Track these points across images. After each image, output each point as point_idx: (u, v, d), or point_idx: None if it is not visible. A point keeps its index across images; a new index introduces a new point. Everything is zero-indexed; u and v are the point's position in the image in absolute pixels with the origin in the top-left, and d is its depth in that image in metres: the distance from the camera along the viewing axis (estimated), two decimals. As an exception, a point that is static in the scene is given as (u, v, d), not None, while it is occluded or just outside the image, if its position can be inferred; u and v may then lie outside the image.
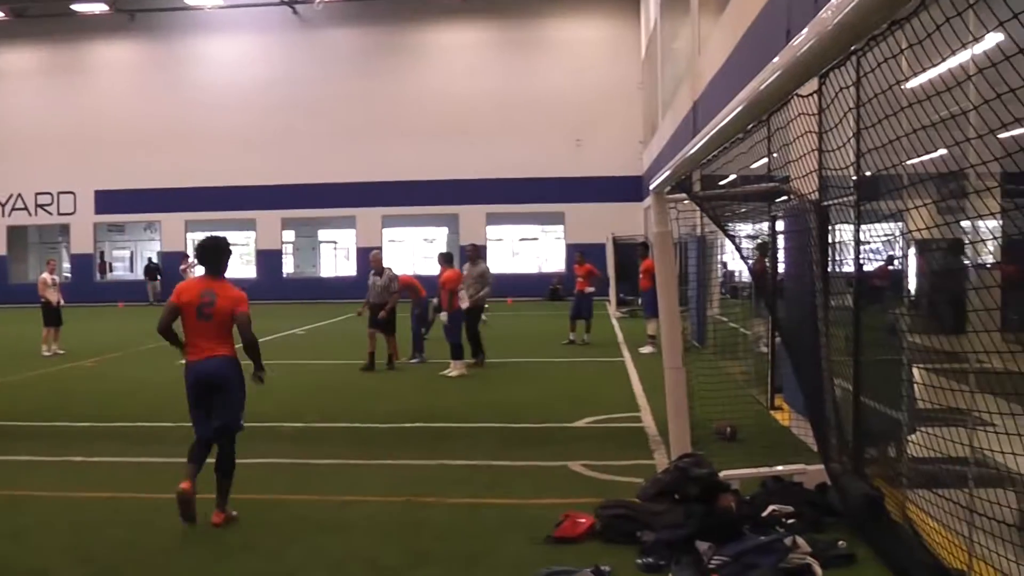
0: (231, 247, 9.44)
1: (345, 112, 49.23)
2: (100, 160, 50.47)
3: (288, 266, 52.68)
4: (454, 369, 18.68)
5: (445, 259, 19.87)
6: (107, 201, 51.14)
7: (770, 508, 8.04)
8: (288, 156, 49.20)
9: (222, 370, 8.85)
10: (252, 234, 51.96)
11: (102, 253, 53.75)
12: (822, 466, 8.16)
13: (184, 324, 8.93)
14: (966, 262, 6.40)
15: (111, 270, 54.90)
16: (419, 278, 22.54)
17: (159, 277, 49.21)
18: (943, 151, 4.45)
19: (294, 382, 17.98)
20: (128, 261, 56.73)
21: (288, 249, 52.91)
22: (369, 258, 21.51)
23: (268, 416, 14.27)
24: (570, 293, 29.15)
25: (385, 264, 20.80)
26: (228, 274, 9.41)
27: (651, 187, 9.74)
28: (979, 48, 3.97)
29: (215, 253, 9.17)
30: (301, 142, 49.25)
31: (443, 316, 18.74)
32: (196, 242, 9.58)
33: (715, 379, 11.87)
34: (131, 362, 22.18)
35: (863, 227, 7.09)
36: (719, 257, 18.73)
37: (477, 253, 21.58)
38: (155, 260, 50.78)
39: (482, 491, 9.67)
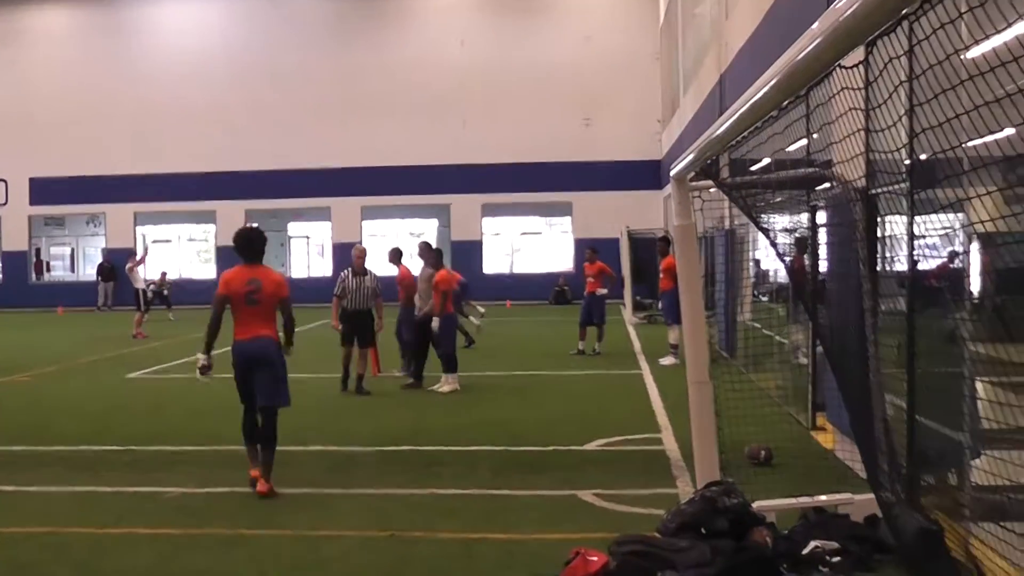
0: (265, 236, 12.08)
1: (319, 87, 49.25)
2: (35, 143, 50.53)
3: (253, 265, 52.67)
4: (446, 384, 18.65)
5: (436, 256, 19.82)
6: (43, 190, 51.24)
7: (812, 544, 8.02)
8: (253, 138, 49.21)
9: (267, 349, 11.36)
10: (211, 228, 52.01)
11: (38, 250, 53.77)
12: (871, 495, 8.15)
13: (233, 309, 11.40)
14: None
15: (49, 270, 54.82)
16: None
17: (114, 279, 48.75)
18: (1010, 130, 4.44)
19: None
20: (68, 259, 56.62)
21: (253, 245, 52.90)
22: (352, 254, 19.17)
23: (230, 438, 14.25)
24: (579, 296, 29.13)
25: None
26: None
27: (671, 173, 9.73)
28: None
29: (253, 242, 11.56)
30: (268, 122, 49.27)
31: (435, 322, 18.40)
32: (237, 233, 11.96)
33: (747, 395, 11.84)
34: (71, 376, 22.20)
35: (917, 219, 7.07)
36: (751, 254, 18.74)
37: (431, 253, 19.66)
38: (107, 259, 50.42)
39: (477, 524, 9.66)
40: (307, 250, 54.13)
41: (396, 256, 20.36)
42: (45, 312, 47.26)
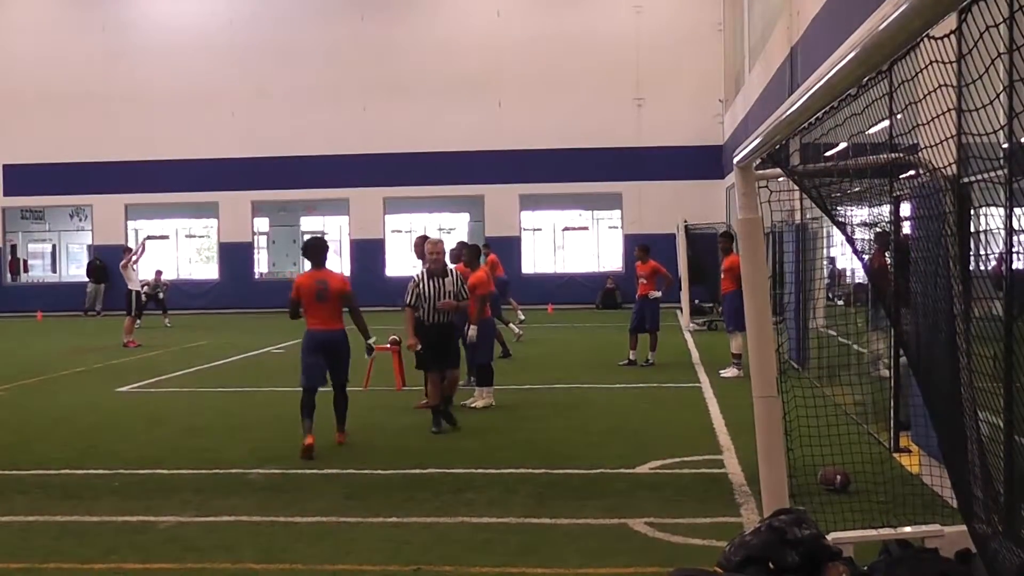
0: (327, 243, 15.98)
1: (335, 64, 49.39)
2: (11, 126, 50.92)
3: (261, 264, 52.95)
4: (480, 399, 18.68)
5: (473, 255, 19.92)
6: (20, 179, 51.58)
7: (894, 582, 7.99)
8: (261, 121, 49.41)
9: (338, 338, 14.98)
10: (213, 222, 52.25)
11: (14, 247, 54.21)
12: (964, 527, 8.10)
13: (305, 306, 14.92)
14: None
15: (26, 269, 55.17)
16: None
17: (106, 280, 48.95)
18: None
19: (268, 415, 18.08)
20: (49, 257, 56.98)
21: (261, 242, 53.20)
22: (425, 250, 16.89)
23: (231, 460, 14.35)
24: (629, 299, 29.09)
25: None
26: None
27: (735, 160, 9.71)
28: None
29: (319, 250, 15.32)
30: (277, 103, 49.47)
31: (471, 331, 18.27)
32: (303, 238, 13.43)
33: (820, 412, 11.78)
34: (53, 391, 22.32)
35: (1017, 211, 7.03)
36: (824, 251, 18.65)
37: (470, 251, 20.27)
38: (97, 257, 50.67)
39: (515, 558, 9.67)
40: (321, 247, 54.30)
41: (472, 254, 20.28)
42: (22, 318, 47.57)
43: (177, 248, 54.59)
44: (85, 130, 50.06)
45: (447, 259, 17.59)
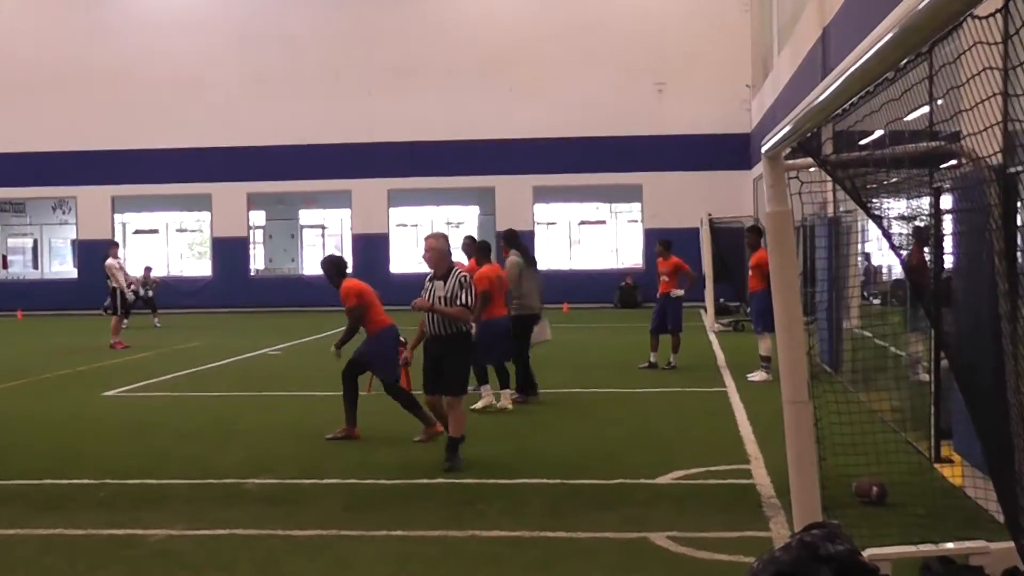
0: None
1: (336, 46, 49.45)
2: (-9, 112, 50.95)
3: (257, 260, 52.99)
4: (485, 398, 18.93)
5: (481, 250, 19.97)
6: None
7: (935, 602, 7.97)
8: (256, 107, 49.50)
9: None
10: (206, 216, 52.34)
11: (-8, 242, 54.35)
12: (1011, 544, 8.08)
13: (374, 308, 16.48)
14: None
15: (6, 266, 55.26)
16: None
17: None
18: None
19: (265, 422, 18.13)
20: (30, 253, 57.02)
21: (257, 236, 53.25)
22: (425, 248, 14.87)
23: (228, 468, 14.36)
24: (650, 298, 29.05)
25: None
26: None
27: (763, 149, 9.68)
28: None
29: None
30: (275, 88, 49.52)
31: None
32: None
33: (855, 418, 11.75)
34: (35, 395, 22.38)
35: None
36: (859, 247, 18.62)
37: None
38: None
39: (528, 573, 9.68)
40: (322, 242, 54.36)
41: (481, 250, 20.34)
42: (1, 317, 47.74)
43: (167, 243, 54.60)
44: (68, 117, 50.13)
45: (441, 257, 14.95)
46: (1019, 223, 7.49)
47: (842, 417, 10.75)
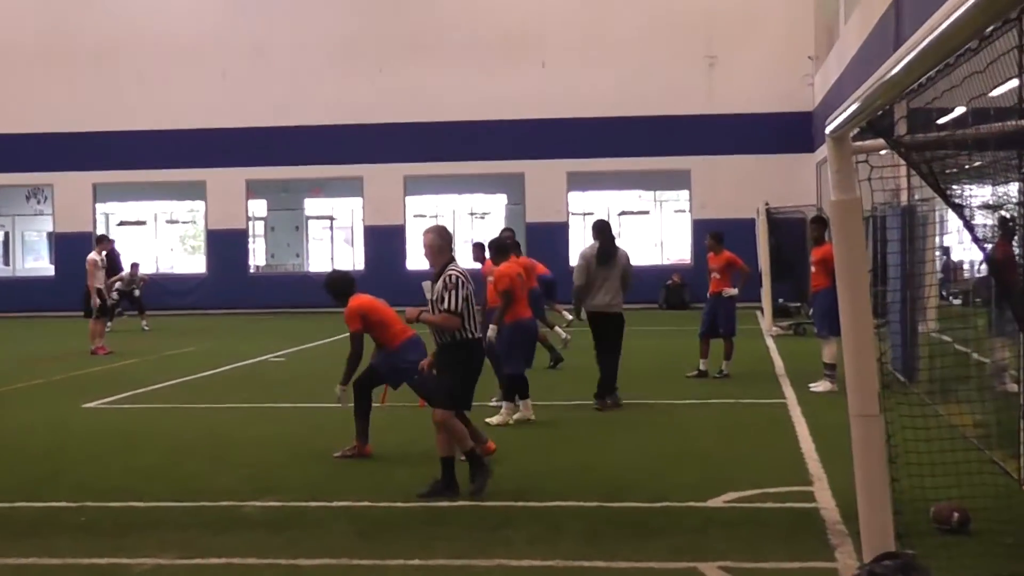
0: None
1: (346, 16, 49.52)
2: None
3: (257, 255, 53.08)
4: (500, 415, 18.97)
5: (498, 249, 19.93)
6: (-33, 154, 51.70)
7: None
8: (256, 84, 49.61)
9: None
10: (200, 205, 52.43)
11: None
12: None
13: (385, 326, 16.41)
14: None
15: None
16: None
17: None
18: None
19: (266, 436, 18.16)
20: (1, 247, 57.00)
21: (257, 228, 53.36)
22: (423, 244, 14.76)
23: (225, 489, 14.36)
24: (699, 297, 28.97)
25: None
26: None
27: (827, 130, 9.65)
28: None
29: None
30: (276, 62, 49.61)
31: (491, 331, 18.53)
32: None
33: (933, 434, 11.72)
34: (7, 407, 22.46)
35: None
36: (937, 240, 18.57)
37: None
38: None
39: (560, 611, 9.63)
40: (330, 235, 54.49)
41: (498, 251, 20.35)
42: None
43: (156, 236, 54.73)
44: (44, 94, 50.33)
45: (436, 254, 14.67)
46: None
47: (918, 433, 10.72)
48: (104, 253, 34.12)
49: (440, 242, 14.26)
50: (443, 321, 13.73)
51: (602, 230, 21.14)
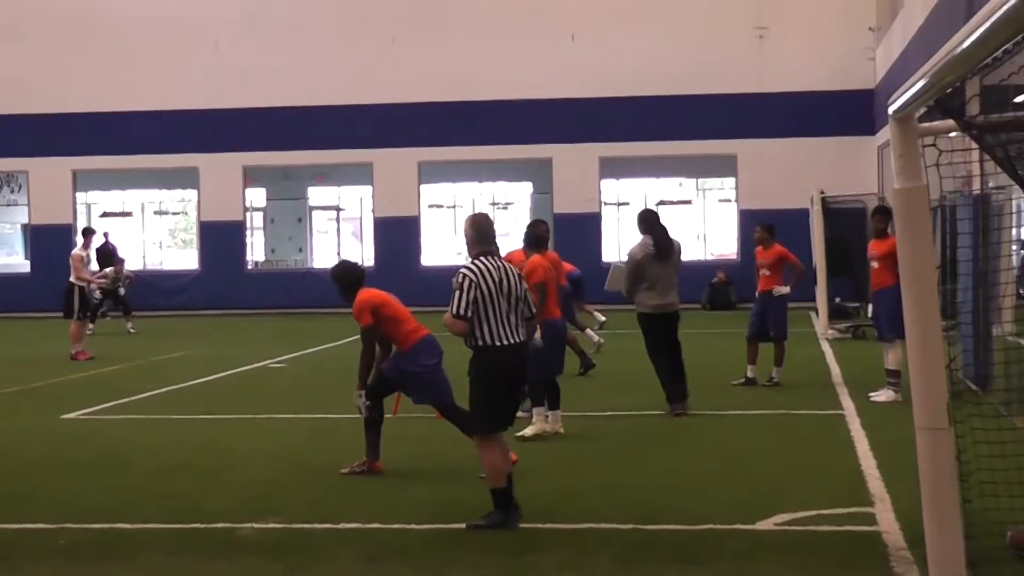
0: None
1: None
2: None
3: (255, 250, 53.16)
4: (536, 424, 18.90)
5: (531, 240, 19.96)
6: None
7: None
8: (254, 60, 49.65)
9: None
10: (192, 195, 52.53)
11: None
12: None
13: (398, 322, 16.22)
14: None
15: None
16: None
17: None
18: None
19: (265, 450, 18.23)
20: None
21: (255, 220, 53.46)
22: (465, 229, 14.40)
23: (219, 509, 14.38)
24: (747, 296, 28.94)
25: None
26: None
27: (891, 109, 9.62)
28: None
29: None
30: (276, 36, 49.67)
31: (536, 334, 18.02)
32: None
33: (1008, 450, 11.69)
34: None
35: None
36: (1014, 232, 18.54)
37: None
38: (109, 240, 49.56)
39: (592, 645, 9.62)
40: (336, 227, 54.58)
41: (533, 241, 20.37)
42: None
43: (143, 229, 54.79)
44: (19, 73, 50.40)
45: (471, 246, 14.35)
46: None
47: (992, 448, 10.70)
48: (93, 247, 34.15)
49: (472, 232, 13.94)
50: (448, 325, 13.51)
51: (653, 222, 21.25)
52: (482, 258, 13.62)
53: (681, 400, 20.89)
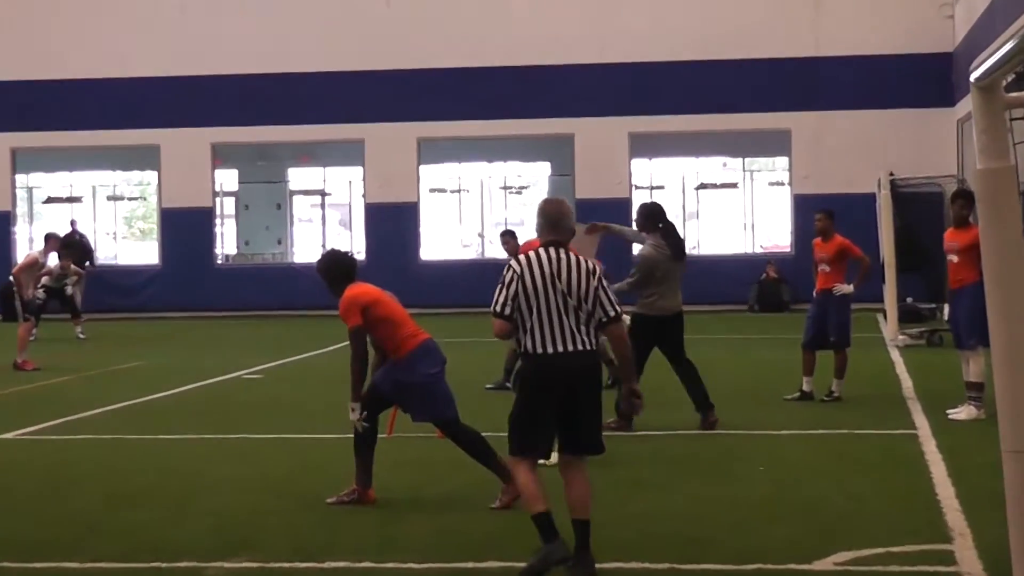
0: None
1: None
2: None
3: (226, 242, 53.29)
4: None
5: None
6: None
7: None
8: (224, 20, 49.70)
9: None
10: (151, 177, 52.62)
11: None
12: None
13: (393, 323, 15.97)
14: None
15: None
16: None
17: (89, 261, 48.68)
18: None
19: (238, 476, 18.25)
20: None
21: (227, 207, 53.55)
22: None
23: (184, 544, 14.38)
24: (803, 296, 28.93)
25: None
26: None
27: (972, 77, 9.58)
28: None
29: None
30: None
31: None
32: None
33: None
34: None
35: None
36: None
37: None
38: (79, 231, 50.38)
39: None
40: (321, 215, 54.64)
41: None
42: None
43: (95, 217, 54.86)
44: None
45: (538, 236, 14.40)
46: None
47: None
48: (51, 259, 34.24)
49: (538, 220, 13.59)
50: (492, 325, 13.21)
51: (661, 216, 21.26)
52: (540, 249, 13.21)
53: (711, 407, 21.26)
